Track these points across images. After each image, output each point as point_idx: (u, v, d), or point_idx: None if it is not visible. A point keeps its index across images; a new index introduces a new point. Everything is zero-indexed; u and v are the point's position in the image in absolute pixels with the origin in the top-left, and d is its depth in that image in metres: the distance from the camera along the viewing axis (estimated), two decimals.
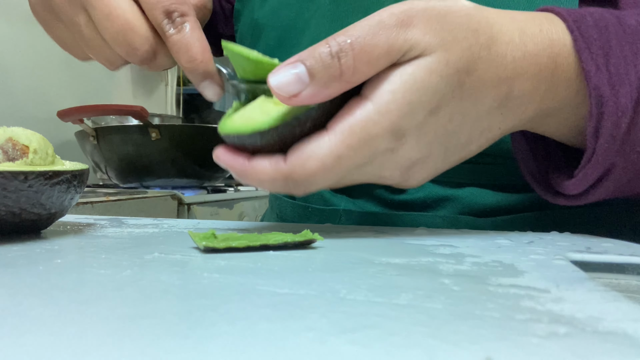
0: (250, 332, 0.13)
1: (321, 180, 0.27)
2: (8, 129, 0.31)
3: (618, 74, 0.29)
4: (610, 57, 0.29)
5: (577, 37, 0.29)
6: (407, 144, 0.27)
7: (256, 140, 0.28)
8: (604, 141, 0.29)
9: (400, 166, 0.28)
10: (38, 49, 1.28)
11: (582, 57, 0.28)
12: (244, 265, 0.22)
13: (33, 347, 0.12)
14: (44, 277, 0.19)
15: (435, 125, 0.27)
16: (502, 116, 0.29)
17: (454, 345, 0.12)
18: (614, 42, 0.29)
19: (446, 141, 0.28)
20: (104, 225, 0.36)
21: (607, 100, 0.28)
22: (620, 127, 0.29)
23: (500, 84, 0.28)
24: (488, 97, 0.28)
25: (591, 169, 0.30)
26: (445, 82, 0.26)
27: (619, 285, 0.24)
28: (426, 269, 0.21)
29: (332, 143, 0.26)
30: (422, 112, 0.26)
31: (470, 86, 0.27)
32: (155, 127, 1.03)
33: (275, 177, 0.27)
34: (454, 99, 0.27)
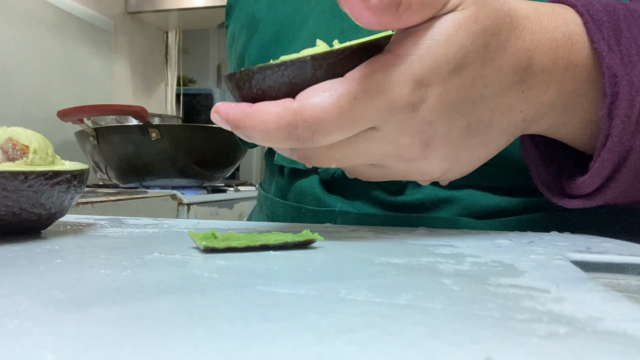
0: (250, 332, 0.13)
1: (333, 127, 0.25)
2: (8, 129, 0.31)
3: (629, 54, 0.28)
4: (621, 39, 0.29)
5: (587, 20, 0.29)
6: (429, 101, 0.26)
7: (264, 78, 0.25)
8: (619, 121, 0.29)
9: (420, 131, 0.26)
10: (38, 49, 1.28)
11: (594, 37, 0.28)
12: (244, 265, 0.22)
13: (33, 347, 0.12)
14: (44, 277, 0.19)
15: (458, 85, 0.26)
16: (523, 95, 0.28)
17: (454, 345, 0.12)
18: (624, 25, 0.29)
19: (469, 112, 0.27)
20: (104, 225, 0.36)
21: (621, 79, 0.28)
22: (635, 107, 0.28)
23: (519, 54, 0.27)
24: (509, 66, 0.27)
25: (607, 153, 0.29)
26: (472, 39, 0.25)
27: (619, 285, 0.24)
28: (426, 269, 0.21)
29: (349, 84, 0.24)
30: (445, 67, 0.25)
31: (494, 50, 0.26)
32: (155, 127, 1.03)
33: (281, 116, 0.24)
34: (477, 60, 0.26)
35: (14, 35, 1.20)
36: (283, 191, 0.50)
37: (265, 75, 0.25)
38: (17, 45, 1.21)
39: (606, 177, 0.30)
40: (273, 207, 0.50)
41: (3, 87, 1.16)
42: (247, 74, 0.26)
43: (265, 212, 0.53)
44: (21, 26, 1.22)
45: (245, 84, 0.26)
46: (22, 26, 1.23)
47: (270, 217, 0.51)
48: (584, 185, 0.31)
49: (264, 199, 0.54)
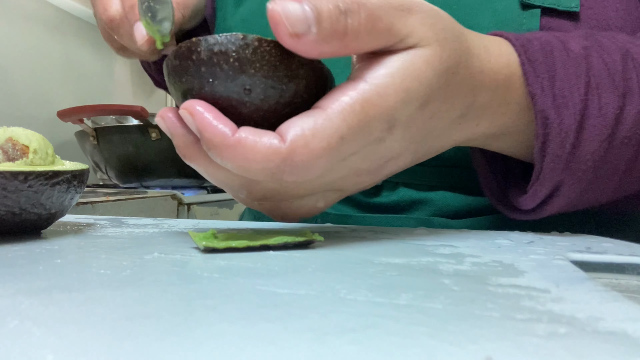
0: (250, 332, 0.13)
1: (321, 168, 0.25)
2: (8, 129, 0.31)
3: (563, 96, 0.30)
4: (555, 80, 0.30)
5: (524, 61, 0.30)
6: (395, 135, 0.26)
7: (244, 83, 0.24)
8: (549, 160, 0.31)
9: (380, 158, 0.27)
10: (38, 49, 1.28)
11: (528, 80, 0.30)
12: (244, 265, 0.22)
13: (33, 347, 0.12)
14: (44, 277, 0.19)
15: (421, 120, 0.27)
16: (460, 126, 0.30)
17: (454, 345, 0.12)
18: (559, 66, 0.30)
19: (422, 140, 0.28)
20: (104, 225, 0.36)
21: (551, 122, 0.30)
22: (565, 148, 0.30)
23: (469, 92, 0.28)
24: (460, 103, 0.28)
25: (540, 185, 0.32)
26: (437, 77, 0.26)
27: (619, 285, 0.24)
28: (426, 269, 0.21)
29: (335, 122, 0.24)
30: (415, 103, 0.26)
31: (453, 88, 0.27)
32: (155, 127, 1.03)
33: (269, 159, 0.23)
34: (439, 98, 0.27)
35: (14, 35, 1.20)
36: None
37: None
38: (17, 45, 1.21)
39: (543, 200, 0.33)
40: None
41: (3, 87, 1.16)
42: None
43: (253, 213, 0.54)
44: (21, 26, 1.22)
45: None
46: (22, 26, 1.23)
47: (257, 217, 0.53)
48: (523, 203, 0.34)
49: None
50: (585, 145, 0.30)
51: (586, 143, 0.30)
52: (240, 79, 0.24)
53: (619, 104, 0.30)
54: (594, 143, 0.30)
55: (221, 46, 0.24)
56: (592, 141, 0.30)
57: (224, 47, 0.23)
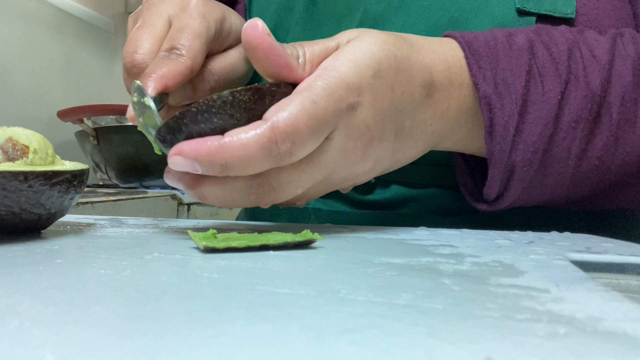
0: (250, 332, 0.13)
1: (306, 132, 0.26)
2: (8, 129, 0.31)
3: (505, 83, 0.32)
4: (498, 70, 0.33)
5: (467, 55, 0.33)
6: (364, 105, 0.29)
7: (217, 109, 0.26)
8: (496, 143, 0.33)
9: (361, 134, 0.29)
10: (38, 50, 1.28)
11: (471, 71, 0.33)
12: (244, 265, 0.22)
13: (33, 347, 0.12)
14: (44, 277, 0.19)
15: (382, 90, 0.29)
16: (431, 109, 0.32)
17: (454, 345, 0.12)
18: (502, 57, 0.33)
19: (395, 119, 0.31)
20: (104, 225, 0.36)
21: (494, 106, 0.33)
22: (509, 130, 0.33)
23: (422, 69, 0.31)
24: (416, 78, 0.31)
25: (493, 169, 0.34)
26: (378, 47, 0.29)
27: (619, 285, 0.24)
28: (426, 269, 0.21)
29: (301, 94, 0.27)
30: (367, 71, 0.28)
31: (402, 60, 0.30)
32: None
33: (260, 134, 0.26)
34: (391, 68, 0.29)
35: (14, 35, 1.20)
36: None
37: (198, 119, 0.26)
38: (17, 45, 1.21)
39: (500, 186, 0.35)
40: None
41: (3, 87, 1.16)
42: (179, 121, 0.27)
43: (248, 211, 0.55)
44: (21, 26, 1.22)
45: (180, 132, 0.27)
46: (22, 26, 1.23)
47: (252, 214, 0.54)
48: (485, 191, 0.36)
49: None
50: (531, 127, 0.33)
51: (531, 126, 0.33)
52: (224, 125, 0.27)
53: (562, 89, 0.32)
54: (539, 126, 0.32)
55: (204, 114, 0.26)
56: (536, 124, 0.32)
57: (207, 115, 0.26)
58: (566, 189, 0.35)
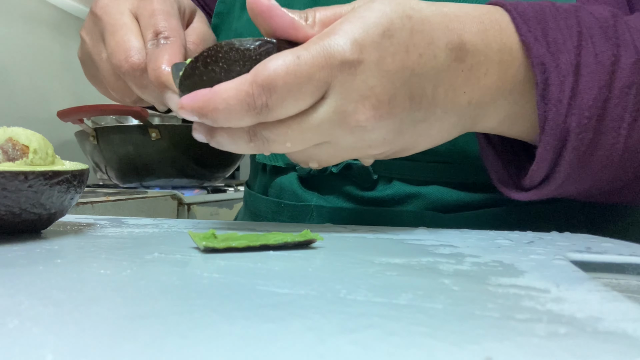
0: (250, 332, 0.13)
1: (282, 85, 0.26)
2: (8, 129, 0.31)
3: (556, 43, 0.30)
4: (548, 30, 0.31)
5: (514, 15, 0.31)
6: (367, 63, 0.27)
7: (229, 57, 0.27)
8: (552, 105, 0.31)
9: (363, 96, 0.28)
10: (38, 49, 1.28)
11: (521, 30, 0.30)
12: (244, 265, 0.22)
13: (33, 347, 0.12)
14: (44, 277, 0.19)
15: (392, 50, 0.27)
16: (463, 74, 0.30)
17: (454, 345, 0.12)
18: (550, 18, 0.31)
19: (410, 82, 0.28)
20: (104, 225, 0.36)
21: (548, 66, 0.30)
22: (565, 91, 0.30)
23: (448, 31, 0.29)
24: (440, 41, 0.29)
25: (547, 136, 0.31)
26: (390, 7, 0.28)
27: (619, 285, 0.24)
28: (426, 269, 0.21)
29: (293, 50, 0.27)
30: (374, 29, 0.27)
31: (418, 21, 0.28)
32: (155, 127, 1.03)
33: (239, 88, 0.27)
34: (404, 28, 0.28)
35: (14, 35, 1.20)
36: (265, 187, 0.52)
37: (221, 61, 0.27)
38: (17, 45, 1.21)
39: (551, 160, 0.32)
40: (256, 202, 0.53)
41: (3, 87, 1.16)
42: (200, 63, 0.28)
43: (250, 209, 0.55)
44: (21, 26, 1.22)
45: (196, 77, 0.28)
46: (22, 26, 1.23)
47: (254, 212, 0.54)
48: (534, 174, 0.33)
49: (248, 195, 0.56)
50: (585, 90, 0.30)
51: (586, 89, 0.30)
52: (230, 73, 0.28)
53: (614, 52, 0.31)
54: (594, 89, 0.30)
55: (212, 58, 0.28)
56: (591, 87, 0.30)
57: (214, 59, 0.28)
58: (614, 171, 0.33)
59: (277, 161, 0.49)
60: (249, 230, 0.33)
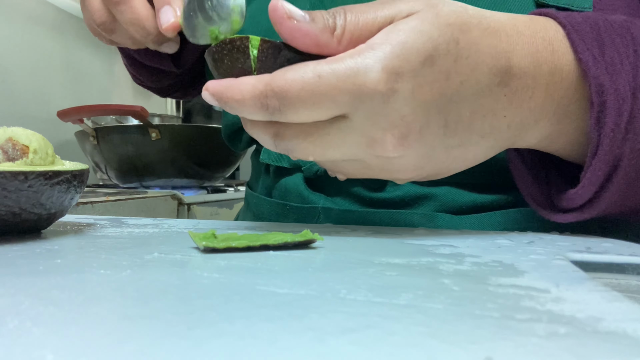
0: (250, 332, 0.13)
1: (296, 99, 0.25)
2: (8, 129, 0.31)
3: (613, 63, 0.29)
4: (605, 48, 0.29)
5: (570, 30, 0.29)
6: (401, 93, 0.25)
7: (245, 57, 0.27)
8: (608, 130, 0.29)
9: (393, 126, 0.26)
10: (38, 50, 1.28)
11: (578, 47, 0.29)
12: (244, 265, 0.22)
13: (33, 347, 0.12)
14: (44, 277, 0.19)
15: (431, 79, 0.26)
16: (506, 99, 0.28)
17: (454, 345, 0.12)
18: (605, 35, 0.29)
19: (446, 110, 0.27)
20: (104, 225, 0.36)
21: (607, 88, 0.28)
22: (623, 115, 0.28)
23: (496, 54, 0.27)
24: (486, 66, 0.27)
25: (599, 162, 0.29)
26: (439, 31, 0.26)
27: (619, 285, 0.24)
28: (426, 269, 0.21)
29: (318, 64, 0.26)
30: (416, 57, 0.25)
31: (466, 46, 0.26)
32: (155, 127, 1.03)
33: (255, 86, 0.26)
34: (449, 55, 0.26)
35: (14, 35, 1.20)
36: (268, 189, 0.51)
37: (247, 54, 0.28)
38: (17, 45, 1.21)
39: (599, 185, 0.30)
40: (259, 204, 0.52)
41: (3, 87, 1.16)
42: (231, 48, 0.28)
43: (252, 210, 0.54)
44: (21, 26, 1.22)
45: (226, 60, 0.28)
46: (22, 26, 1.23)
47: (257, 214, 0.52)
48: (576, 196, 0.31)
49: (250, 197, 0.55)
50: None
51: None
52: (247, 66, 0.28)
53: None
54: None
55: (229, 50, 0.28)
56: None
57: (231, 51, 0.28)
58: None
59: (282, 161, 0.48)
60: (249, 230, 0.33)
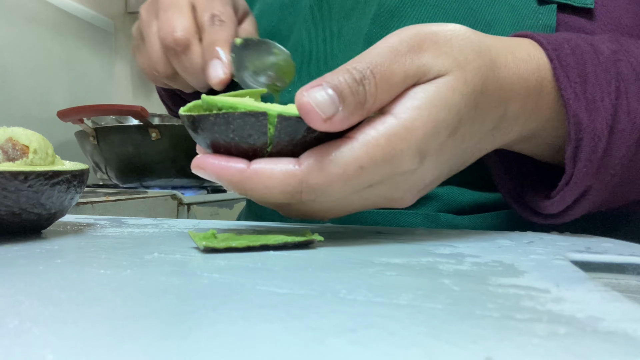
0: (250, 332, 0.13)
1: (337, 192, 0.25)
2: (8, 129, 0.31)
3: (594, 100, 0.30)
4: (587, 84, 0.30)
5: (556, 66, 0.30)
6: (426, 165, 0.27)
7: (261, 130, 0.24)
8: (582, 165, 0.30)
9: (412, 188, 0.28)
10: (38, 49, 1.28)
11: (561, 85, 0.30)
12: (244, 265, 0.22)
13: (33, 347, 0.12)
14: (44, 277, 0.19)
15: (452, 147, 0.27)
16: (492, 137, 0.30)
17: (454, 345, 0.12)
18: (590, 69, 0.30)
19: (455, 161, 0.29)
20: (104, 225, 0.36)
21: (585, 126, 0.30)
22: (597, 152, 0.30)
23: (499, 105, 0.29)
24: (490, 118, 0.29)
25: (569, 191, 0.32)
26: (465, 101, 0.26)
27: (619, 285, 0.24)
28: (426, 269, 0.21)
29: (356, 151, 0.25)
30: (445, 132, 0.26)
31: (482, 107, 0.28)
32: (155, 127, 1.03)
33: (286, 182, 0.25)
34: (469, 120, 0.27)
35: (14, 35, 1.20)
36: None
37: (245, 123, 0.24)
38: (17, 45, 1.21)
39: (568, 205, 0.33)
40: (260, 206, 0.52)
41: (3, 87, 1.16)
42: (222, 118, 0.24)
43: (253, 210, 0.54)
44: (21, 26, 1.22)
45: (215, 130, 0.25)
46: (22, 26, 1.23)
47: (258, 214, 0.53)
48: (547, 208, 0.34)
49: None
50: (615, 150, 0.30)
51: (615, 148, 0.30)
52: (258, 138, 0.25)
53: None
54: (623, 148, 0.31)
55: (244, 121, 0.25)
56: (620, 146, 0.30)
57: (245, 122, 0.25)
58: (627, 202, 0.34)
59: None
60: (249, 230, 0.33)
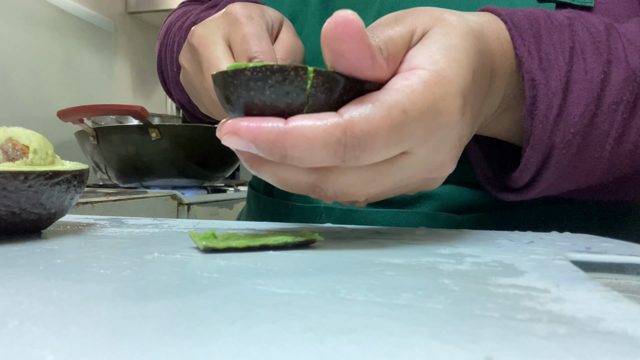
0: (250, 332, 0.13)
1: (382, 143, 0.23)
2: (8, 129, 0.31)
3: (548, 59, 0.31)
4: (541, 45, 0.31)
5: (510, 27, 0.31)
6: (467, 114, 0.25)
7: (295, 88, 0.22)
8: (538, 122, 0.31)
9: (452, 148, 0.26)
10: (38, 50, 1.28)
11: (515, 44, 0.30)
12: (244, 265, 0.22)
13: (33, 347, 0.12)
14: (44, 277, 0.19)
15: (476, 92, 0.26)
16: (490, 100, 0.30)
17: (454, 345, 0.12)
18: (544, 32, 0.31)
19: (477, 122, 0.29)
20: (104, 225, 0.36)
21: (538, 83, 0.31)
22: (552, 108, 0.31)
23: (490, 57, 0.29)
24: (488, 68, 0.28)
25: (531, 150, 0.32)
26: (469, 43, 0.26)
27: (619, 285, 0.24)
28: (426, 269, 0.21)
29: (394, 95, 0.23)
30: (469, 74, 0.25)
31: (483, 52, 0.27)
32: (155, 127, 1.03)
33: (329, 132, 0.22)
34: (479, 63, 0.26)
35: (14, 35, 1.20)
36: (271, 188, 0.52)
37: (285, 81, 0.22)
38: (17, 45, 1.21)
39: (534, 171, 0.33)
40: (261, 204, 0.52)
41: (3, 87, 1.16)
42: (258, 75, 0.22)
43: (254, 210, 0.54)
44: (21, 26, 1.22)
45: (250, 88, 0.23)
46: (22, 26, 1.23)
47: (259, 214, 0.53)
48: (516, 179, 0.34)
49: (252, 196, 0.55)
50: (573, 107, 0.31)
51: (573, 105, 0.31)
52: (290, 97, 0.23)
53: (604, 69, 0.31)
54: (581, 106, 0.31)
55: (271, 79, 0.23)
56: (578, 104, 0.31)
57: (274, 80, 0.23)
58: (599, 176, 0.34)
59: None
60: (249, 230, 0.33)
